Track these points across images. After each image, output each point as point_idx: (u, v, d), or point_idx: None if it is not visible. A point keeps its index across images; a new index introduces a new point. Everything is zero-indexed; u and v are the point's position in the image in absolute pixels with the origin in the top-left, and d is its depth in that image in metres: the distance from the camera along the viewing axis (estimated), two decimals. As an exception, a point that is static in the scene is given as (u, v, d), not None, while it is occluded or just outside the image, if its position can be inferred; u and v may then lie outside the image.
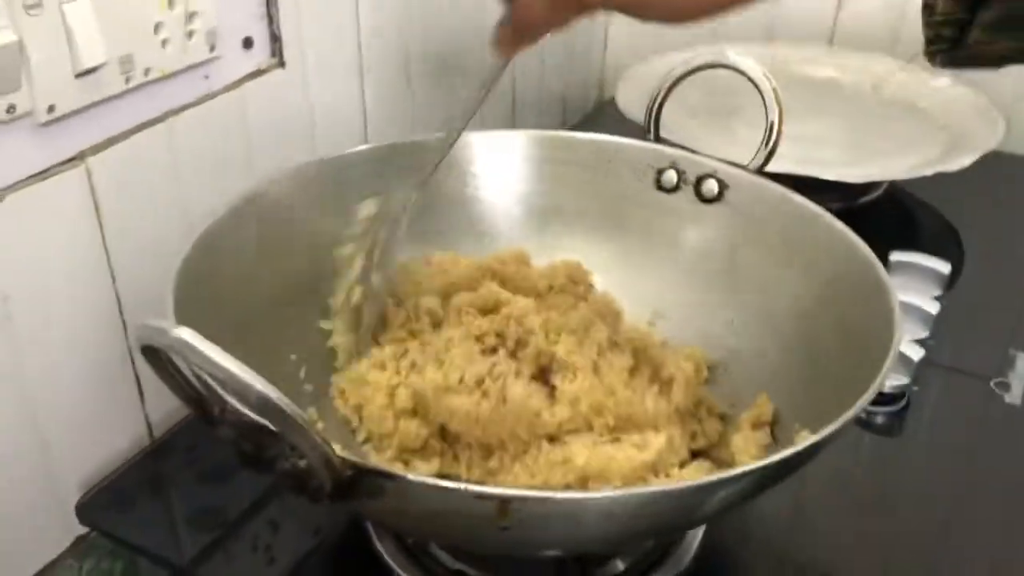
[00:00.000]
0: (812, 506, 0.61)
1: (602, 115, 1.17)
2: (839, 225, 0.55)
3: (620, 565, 0.53)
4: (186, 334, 0.32)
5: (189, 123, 0.62)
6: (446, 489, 0.35)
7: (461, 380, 0.48)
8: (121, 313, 0.60)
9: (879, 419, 0.66)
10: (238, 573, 0.54)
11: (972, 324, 0.77)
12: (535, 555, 0.48)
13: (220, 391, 0.36)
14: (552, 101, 1.11)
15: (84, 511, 0.57)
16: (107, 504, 0.58)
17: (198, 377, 0.37)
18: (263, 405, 0.32)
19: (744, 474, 0.38)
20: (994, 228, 0.93)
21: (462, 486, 0.35)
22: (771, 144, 0.60)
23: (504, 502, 0.35)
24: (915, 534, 0.58)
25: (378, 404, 0.51)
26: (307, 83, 0.71)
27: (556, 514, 0.36)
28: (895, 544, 0.57)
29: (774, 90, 0.60)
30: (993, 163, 0.89)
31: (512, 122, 1.03)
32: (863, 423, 0.66)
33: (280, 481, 0.37)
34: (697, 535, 0.55)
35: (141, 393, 0.63)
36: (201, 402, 0.38)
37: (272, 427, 0.34)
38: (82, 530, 0.60)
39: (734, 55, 0.61)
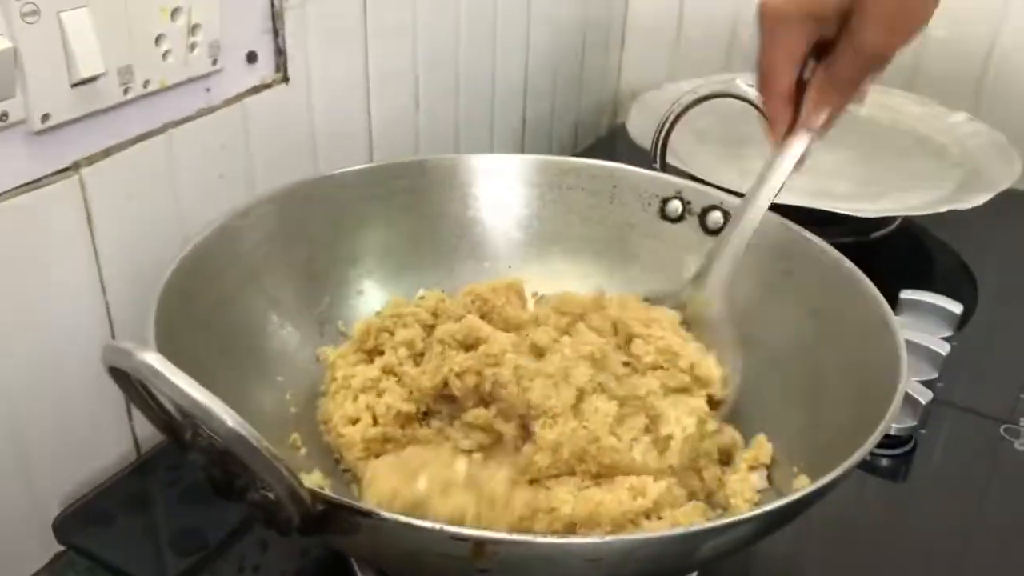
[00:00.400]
0: (813, 551, 0.59)
1: (614, 141, 1.16)
2: (846, 262, 0.53)
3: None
4: (152, 359, 0.31)
5: (189, 136, 0.61)
6: (420, 528, 0.34)
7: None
8: (111, 327, 0.59)
9: (884, 462, 0.64)
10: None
11: (983, 366, 0.75)
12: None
13: (184, 423, 0.35)
14: (564, 125, 1.10)
15: (62, 528, 0.56)
16: (86, 522, 0.57)
17: (170, 401, 0.36)
18: (228, 435, 0.31)
19: (738, 522, 0.36)
20: (1009, 268, 0.91)
21: (437, 526, 0.33)
22: (780, 178, 0.58)
23: (479, 544, 0.33)
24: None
25: (346, 436, 0.49)
26: (312, 99, 0.70)
27: (535, 557, 0.34)
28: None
29: (786, 124, 0.58)
30: (1011, 202, 0.87)
31: (521, 146, 1.02)
32: (868, 466, 0.64)
33: (250, 512, 0.35)
34: None
35: (129, 409, 0.62)
36: (172, 426, 0.36)
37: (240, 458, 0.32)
38: (60, 547, 0.58)
39: (743, 84, 0.59)
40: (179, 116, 0.60)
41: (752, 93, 0.60)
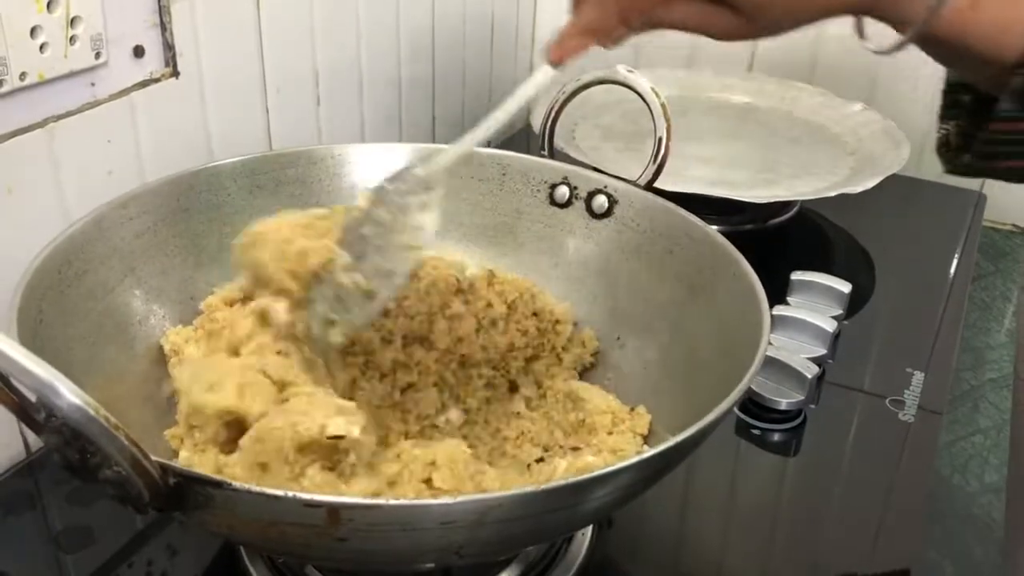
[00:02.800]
0: (704, 522, 0.60)
1: (527, 139, 1.17)
2: (719, 238, 0.55)
3: (501, 580, 0.51)
4: (-19, 330, 0.30)
5: (73, 131, 0.60)
6: (273, 497, 0.34)
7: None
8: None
9: (776, 437, 0.66)
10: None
11: (874, 344, 0.77)
12: (388, 568, 0.46)
13: (31, 400, 0.35)
14: (476, 121, 1.11)
15: (-58, 531, 0.55)
16: (-31, 523, 0.55)
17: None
18: (69, 408, 0.31)
19: (597, 478, 0.37)
20: (905, 251, 0.94)
21: (289, 493, 0.33)
22: (659, 159, 0.60)
23: (334, 510, 0.33)
24: (807, 551, 0.57)
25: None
26: (204, 95, 0.70)
27: (390, 522, 0.34)
28: (786, 561, 0.56)
29: (662, 105, 0.60)
30: (906, 188, 0.90)
31: (432, 141, 1.02)
32: (759, 441, 0.66)
33: (104, 491, 0.35)
34: (582, 549, 0.54)
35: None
36: (24, 407, 0.36)
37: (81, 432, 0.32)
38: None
39: (623, 70, 0.61)
40: (61, 110, 0.59)
41: (633, 79, 0.61)
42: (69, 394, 0.31)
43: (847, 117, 0.99)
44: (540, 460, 0.52)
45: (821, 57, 1.08)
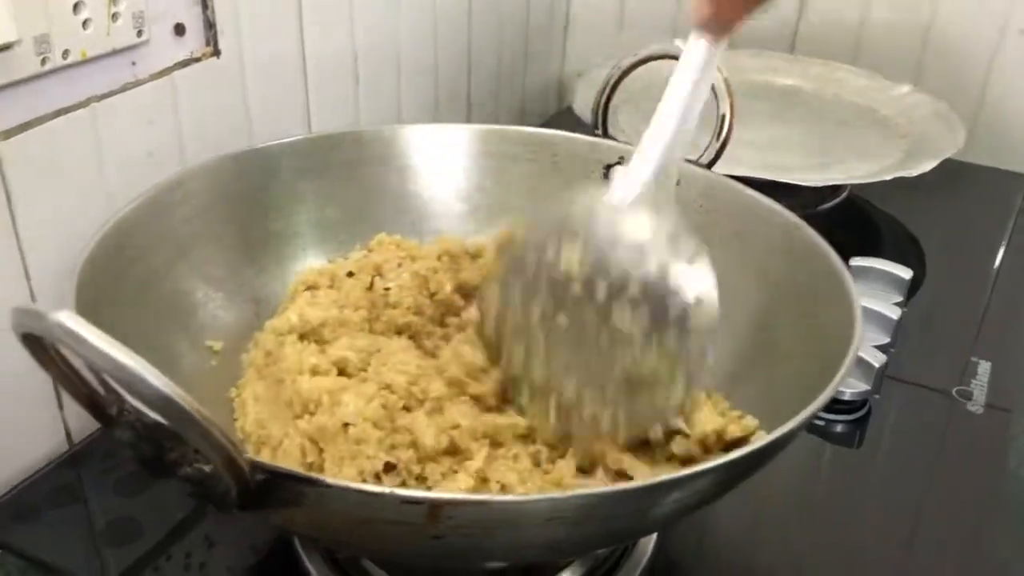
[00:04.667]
0: (770, 517, 0.58)
1: (561, 122, 1.15)
2: (796, 221, 0.52)
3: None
4: (67, 318, 0.28)
5: (114, 111, 0.58)
6: (371, 494, 0.31)
7: None
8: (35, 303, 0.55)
9: (839, 428, 0.64)
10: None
11: (933, 331, 0.75)
12: (475, 566, 0.44)
13: (116, 387, 0.33)
14: (511, 109, 1.09)
15: (-14, 523, 0.53)
16: (15, 517, 0.53)
17: (93, 371, 0.33)
18: (157, 399, 0.28)
19: (698, 474, 0.35)
20: (954, 236, 0.91)
21: (387, 490, 0.31)
22: (722, 137, 0.58)
23: (435, 507, 0.31)
24: (876, 545, 0.55)
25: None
26: (244, 75, 0.67)
27: (493, 520, 0.32)
28: (855, 555, 0.54)
29: (725, 81, 0.57)
30: (954, 171, 0.88)
31: (468, 121, 1.00)
32: (823, 432, 0.63)
33: (184, 487, 0.33)
34: (649, 545, 0.52)
35: (59, 397, 0.59)
36: (95, 400, 0.34)
37: (171, 426, 0.30)
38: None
39: (683, 45, 0.58)
40: (103, 90, 0.57)
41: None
42: (158, 383, 0.28)
43: (896, 99, 0.97)
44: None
45: (865, 38, 1.06)
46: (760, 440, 0.36)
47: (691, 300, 0.43)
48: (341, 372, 0.48)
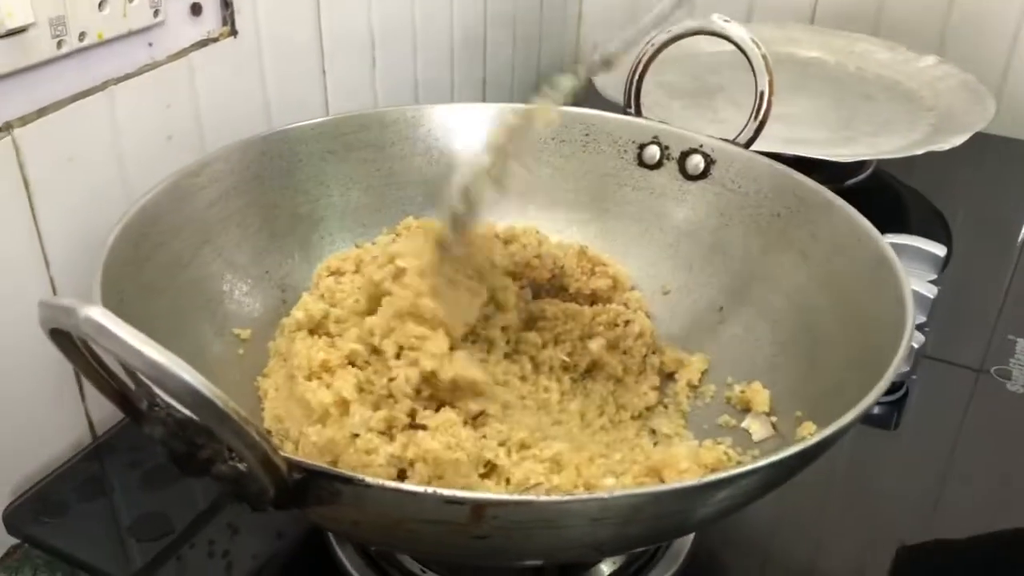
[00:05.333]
0: (808, 505, 0.57)
1: (579, 96, 1.13)
2: (840, 202, 0.51)
3: (605, 570, 0.48)
4: (97, 313, 0.27)
5: (132, 94, 0.56)
6: (411, 494, 0.30)
7: None
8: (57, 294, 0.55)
9: (876, 410, 0.62)
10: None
11: (967, 310, 0.73)
12: (512, 565, 0.43)
13: (147, 382, 0.31)
14: (525, 83, 1.07)
15: (13, 520, 0.52)
16: (40, 511, 0.53)
17: (122, 365, 0.32)
18: (190, 397, 0.27)
19: (745, 473, 0.34)
20: (981, 211, 0.90)
21: (430, 490, 0.30)
22: (761, 115, 0.56)
23: (478, 507, 0.30)
24: (915, 528, 0.54)
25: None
26: (262, 55, 0.66)
27: (538, 519, 0.31)
28: (894, 540, 0.53)
29: (763, 56, 0.56)
30: (979, 144, 0.86)
31: (483, 101, 0.98)
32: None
33: (217, 486, 0.32)
34: (687, 541, 0.51)
35: (81, 389, 0.58)
36: (125, 395, 0.33)
37: (204, 424, 0.29)
38: (15, 540, 0.54)
39: (720, 20, 0.56)
40: (120, 72, 0.56)
41: (729, 29, 0.57)
42: (192, 380, 0.27)
43: (921, 71, 0.94)
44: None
45: (887, 8, 1.03)
46: (812, 438, 0.35)
47: None
48: (352, 364, 0.47)
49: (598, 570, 0.48)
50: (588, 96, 1.03)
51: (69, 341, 0.30)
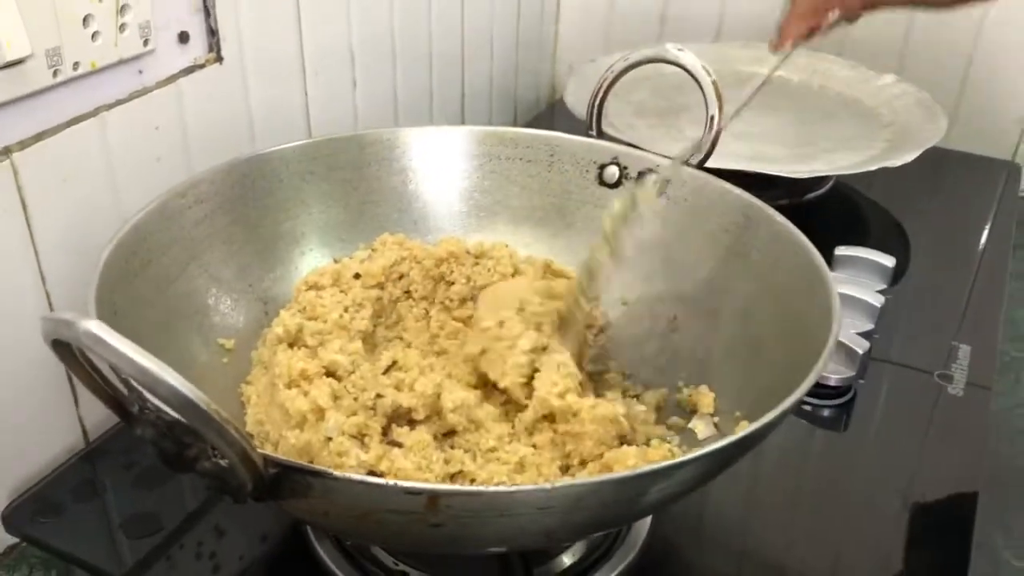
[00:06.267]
0: (762, 499, 0.61)
1: (553, 115, 1.17)
2: (779, 218, 0.55)
3: (566, 560, 0.52)
4: (94, 326, 0.30)
5: (123, 119, 0.60)
6: (374, 485, 0.34)
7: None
8: (51, 309, 0.58)
9: (826, 412, 0.66)
10: (182, 576, 0.52)
11: (916, 317, 0.77)
12: (473, 552, 0.47)
13: (138, 387, 0.35)
14: (503, 101, 1.11)
15: (11, 519, 0.55)
16: (37, 512, 0.56)
17: (116, 372, 0.36)
18: (177, 400, 0.31)
19: (684, 463, 0.37)
20: (938, 223, 0.94)
21: (390, 482, 0.34)
22: (712, 137, 0.60)
23: (433, 497, 0.34)
24: (863, 525, 0.58)
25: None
26: (246, 79, 0.70)
27: (488, 509, 0.35)
28: (844, 536, 0.57)
29: (714, 83, 0.59)
30: (938, 158, 0.90)
31: (461, 121, 1.02)
32: (810, 417, 0.66)
33: (202, 481, 0.36)
34: (643, 530, 0.55)
35: (75, 396, 0.61)
36: (118, 399, 0.36)
37: (190, 424, 0.33)
38: (12, 540, 0.58)
39: (674, 49, 0.60)
40: (112, 99, 0.59)
41: (683, 57, 0.61)
42: (179, 385, 0.31)
43: (881, 89, 0.99)
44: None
45: (850, 28, 1.07)
46: (743, 430, 0.39)
47: None
48: (330, 374, 0.50)
49: (559, 561, 0.52)
50: (556, 114, 1.07)
51: (69, 351, 0.34)
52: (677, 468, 0.37)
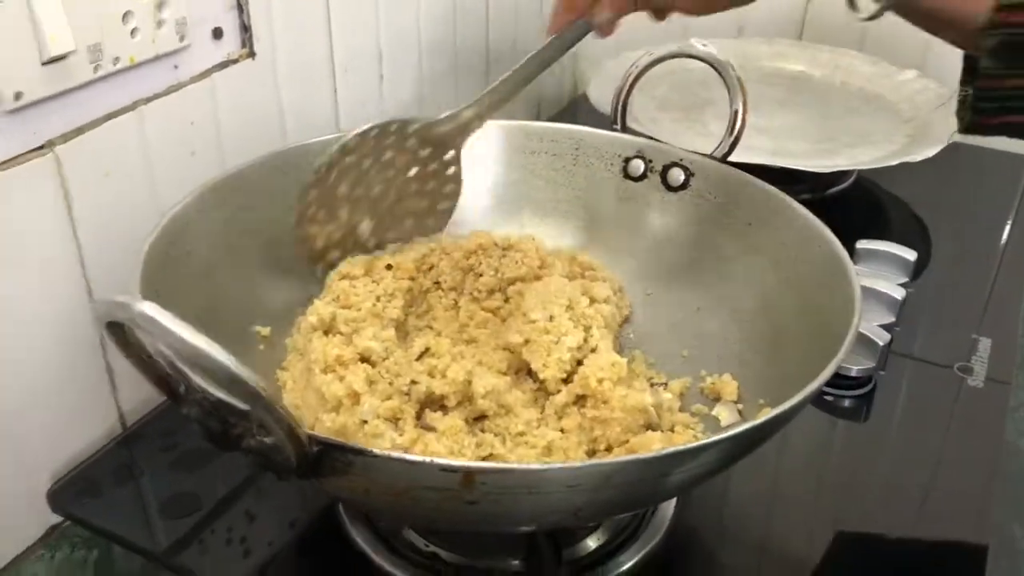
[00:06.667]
0: (784, 488, 0.61)
1: (576, 110, 1.18)
2: (802, 210, 0.56)
3: (591, 543, 0.53)
4: (149, 308, 0.32)
5: (159, 113, 0.62)
6: (411, 463, 0.35)
7: None
8: (92, 302, 0.60)
9: (847, 403, 0.67)
10: (214, 560, 0.54)
11: (938, 310, 0.78)
12: (505, 530, 0.48)
13: (185, 369, 0.37)
14: (527, 96, 1.12)
15: (56, 499, 0.57)
16: (80, 492, 0.58)
17: (163, 355, 0.37)
18: (229, 379, 0.32)
19: (709, 445, 0.39)
20: (960, 218, 0.94)
21: (427, 459, 0.35)
22: (736, 132, 0.61)
23: (469, 474, 0.35)
24: (883, 515, 0.59)
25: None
26: (277, 74, 0.71)
27: (520, 485, 0.36)
28: (863, 526, 0.58)
29: (738, 78, 0.60)
30: (960, 153, 0.91)
31: (486, 118, 1.03)
32: (831, 408, 0.67)
33: (247, 458, 0.37)
34: (667, 516, 0.56)
35: (113, 383, 0.63)
36: (167, 381, 0.38)
37: (237, 404, 0.34)
38: (54, 520, 0.60)
39: (699, 44, 0.61)
40: (149, 93, 0.61)
41: (707, 52, 0.62)
42: (233, 366, 0.32)
43: (902, 84, 0.99)
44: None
45: (871, 24, 1.08)
46: (766, 415, 0.40)
47: None
48: (365, 360, 0.52)
49: (585, 544, 0.53)
50: (578, 110, 1.08)
51: (122, 333, 0.35)
52: (702, 450, 0.38)
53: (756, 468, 0.62)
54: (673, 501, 0.57)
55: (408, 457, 0.36)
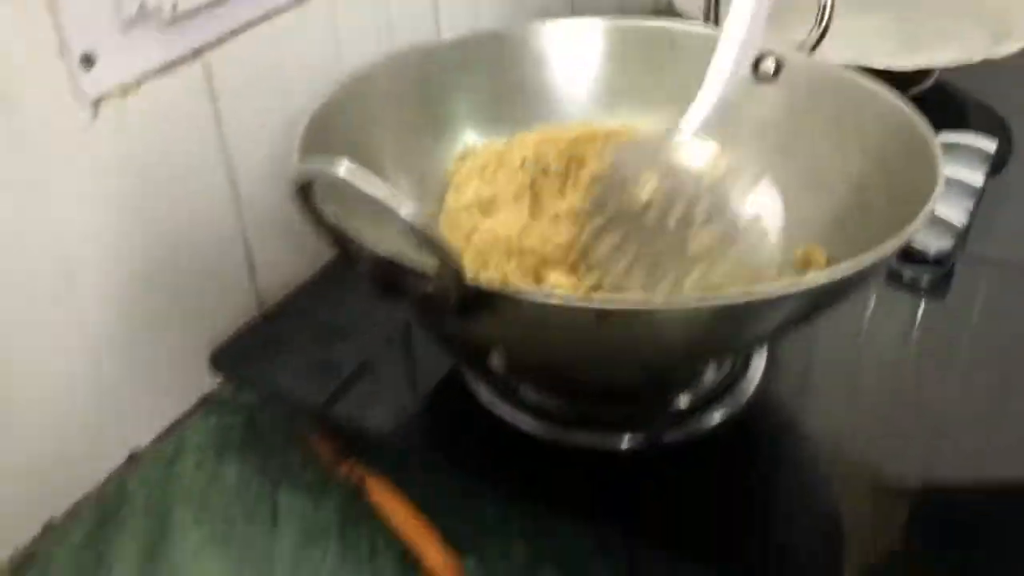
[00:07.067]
0: (864, 367, 0.66)
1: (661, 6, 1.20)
2: (890, 96, 0.60)
3: (683, 401, 0.60)
4: (350, 166, 0.39)
5: (287, 25, 0.67)
6: (552, 298, 0.43)
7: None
8: (238, 198, 0.67)
9: (925, 279, 0.72)
10: (362, 412, 0.61)
11: (1016, 206, 0.81)
12: (626, 365, 0.54)
13: (354, 236, 0.44)
14: (608, 4, 1.15)
15: (216, 361, 0.65)
16: (238, 356, 0.66)
17: (339, 217, 0.45)
18: (414, 224, 0.39)
19: (794, 295, 0.45)
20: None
21: (568, 295, 0.42)
22: (823, 24, 0.65)
23: (603, 313, 0.42)
24: (968, 392, 0.62)
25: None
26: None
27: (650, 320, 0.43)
28: (952, 401, 0.61)
29: (825, -28, 0.64)
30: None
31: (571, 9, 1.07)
32: (910, 285, 0.71)
33: (410, 302, 0.44)
34: (755, 378, 0.62)
35: (253, 268, 0.70)
36: (344, 242, 0.45)
37: (406, 259, 0.41)
38: (205, 389, 0.68)
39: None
40: (282, 5, 0.66)
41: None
42: (419, 215, 0.40)
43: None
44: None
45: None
46: (855, 265, 0.46)
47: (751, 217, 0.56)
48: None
49: (676, 401, 0.60)
50: (670, 8, 1.11)
51: (308, 198, 0.43)
52: (788, 298, 0.45)
53: (839, 342, 0.67)
54: (758, 372, 0.63)
55: (552, 298, 0.43)
